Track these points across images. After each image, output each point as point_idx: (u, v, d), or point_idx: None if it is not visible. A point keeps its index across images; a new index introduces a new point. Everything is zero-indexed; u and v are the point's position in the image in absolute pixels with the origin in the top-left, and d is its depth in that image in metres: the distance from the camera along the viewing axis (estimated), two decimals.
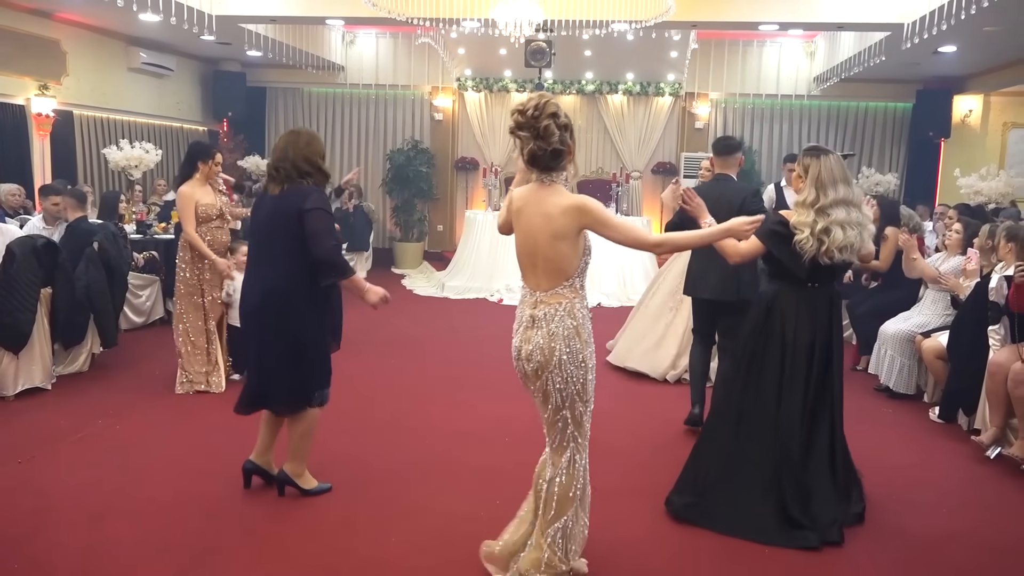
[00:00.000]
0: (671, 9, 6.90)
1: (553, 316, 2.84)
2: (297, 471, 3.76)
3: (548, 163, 2.84)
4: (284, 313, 3.52)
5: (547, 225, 2.82)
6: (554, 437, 2.95)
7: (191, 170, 5.43)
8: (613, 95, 12.22)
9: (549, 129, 2.78)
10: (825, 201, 3.44)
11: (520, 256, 2.93)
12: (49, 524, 3.47)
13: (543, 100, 2.82)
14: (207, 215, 5.42)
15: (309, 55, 10.70)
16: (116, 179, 9.81)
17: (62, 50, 9.01)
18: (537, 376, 2.88)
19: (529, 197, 2.89)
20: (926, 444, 4.86)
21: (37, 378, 5.25)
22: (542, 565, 2.91)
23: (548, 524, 2.92)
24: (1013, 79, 9.72)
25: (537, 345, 2.85)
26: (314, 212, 3.45)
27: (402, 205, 12.34)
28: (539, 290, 2.89)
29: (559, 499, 2.92)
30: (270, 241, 3.56)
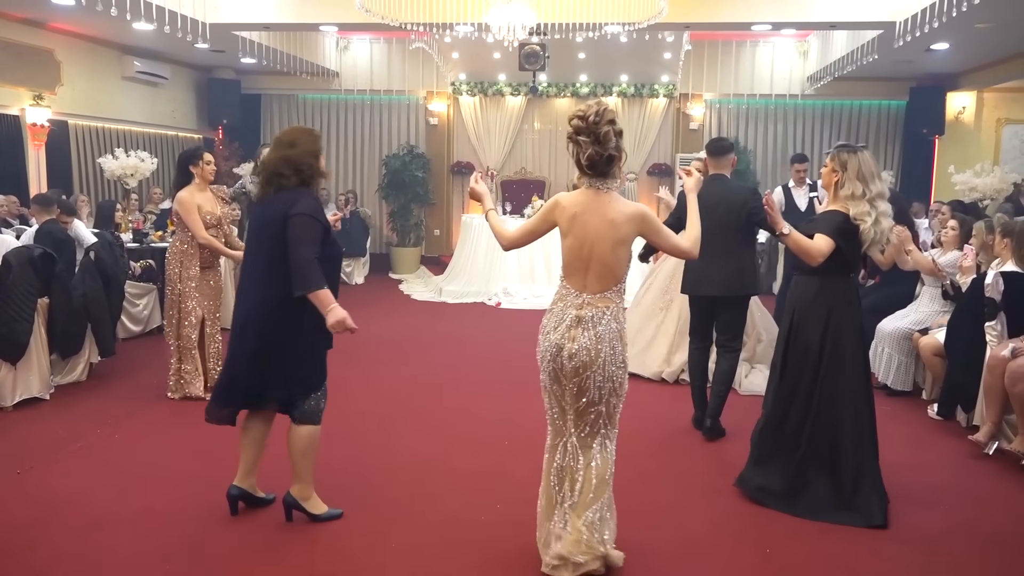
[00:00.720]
0: (664, 11, 6.91)
1: (600, 319, 2.98)
2: (305, 494, 3.58)
3: (604, 168, 2.97)
4: (273, 326, 3.38)
5: (611, 231, 2.95)
6: (583, 427, 3.06)
7: (186, 177, 5.37)
8: (608, 97, 12.22)
9: (608, 135, 2.91)
10: (871, 193, 3.62)
11: (570, 258, 3.03)
12: (48, 534, 3.46)
13: (602, 107, 2.95)
14: (205, 223, 5.34)
15: (303, 61, 10.71)
16: (112, 188, 9.81)
17: (56, 60, 9.01)
18: (576, 374, 2.99)
19: (586, 203, 2.99)
20: (925, 441, 4.86)
21: (35, 388, 5.24)
22: (582, 546, 2.97)
23: (586, 507, 3.00)
24: (1006, 75, 9.75)
25: (583, 346, 2.97)
26: (296, 218, 3.30)
27: (398, 210, 12.35)
28: (586, 292, 3.01)
29: (597, 482, 3.02)
30: (260, 250, 3.43)
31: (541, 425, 4.97)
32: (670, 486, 4.12)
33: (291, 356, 3.44)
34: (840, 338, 3.71)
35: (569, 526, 3.02)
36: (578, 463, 3.05)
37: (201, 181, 5.37)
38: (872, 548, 3.47)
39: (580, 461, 3.04)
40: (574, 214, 3.01)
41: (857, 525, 3.60)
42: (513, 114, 12.39)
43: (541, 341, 3.09)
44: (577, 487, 3.03)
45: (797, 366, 3.78)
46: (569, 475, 3.06)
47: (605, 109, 2.95)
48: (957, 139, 11.48)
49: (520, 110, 12.39)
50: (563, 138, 12.32)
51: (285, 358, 3.44)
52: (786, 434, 3.81)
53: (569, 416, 3.07)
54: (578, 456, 3.05)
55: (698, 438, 4.83)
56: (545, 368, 3.08)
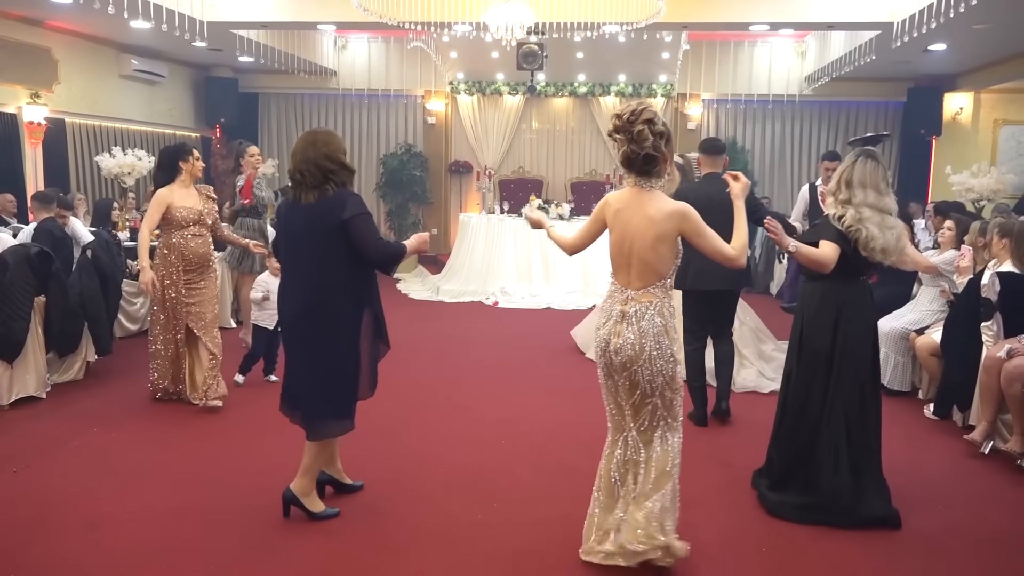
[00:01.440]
0: (662, 10, 6.91)
1: (644, 314, 3.04)
2: (305, 490, 3.61)
3: (641, 167, 3.03)
4: (320, 327, 3.43)
5: (650, 228, 3.01)
6: (642, 420, 3.11)
7: (172, 175, 5.13)
8: (605, 97, 12.24)
9: (643, 134, 2.97)
10: (849, 196, 3.59)
11: (614, 254, 3.12)
12: (45, 533, 3.45)
13: (640, 107, 3.01)
14: (183, 219, 5.07)
15: (301, 60, 10.70)
16: (109, 187, 9.79)
17: (53, 58, 8.99)
18: (624, 368, 3.06)
19: (628, 200, 3.08)
20: (921, 440, 4.87)
21: (31, 387, 5.23)
22: (639, 534, 3.02)
23: (645, 497, 3.05)
24: (1003, 76, 9.77)
25: (627, 340, 3.03)
26: (354, 220, 3.36)
27: (396, 209, 12.34)
28: (631, 288, 3.08)
29: (656, 474, 3.07)
30: (307, 252, 3.42)
31: (539, 424, 5.02)
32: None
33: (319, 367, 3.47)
34: (850, 341, 3.67)
35: (628, 516, 3.07)
36: (639, 456, 3.11)
37: (188, 178, 5.17)
38: (868, 547, 3.47)
39: (642, 454, 3.10)
40: (617, 210, 3.09)
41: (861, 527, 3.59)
42: (511, 113, 12.39)
43: (594, 337, 3.20)
44: (639, 477, 3.09)
45: (808, 373, 3.75)
46: (632, 468, 3.12)
47: (643, 109, 3.00)
48: (954, 140, 11.50)
49: (518, 109, 12.39)
50: (560, 138, 12.37)
51: (313, 367, 3.48)
52: (800, 441, 3.77)
53: (627, 411, 3.13)
54: (639, 449, 3.11)
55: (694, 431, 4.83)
56: (599, 364, 3.18)
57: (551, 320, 8.45)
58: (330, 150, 3.43)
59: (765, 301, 9.49)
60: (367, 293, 3.54)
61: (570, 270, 10.15)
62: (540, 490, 3.99)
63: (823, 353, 3.69)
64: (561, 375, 6.33)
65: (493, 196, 12.02)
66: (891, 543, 3.51)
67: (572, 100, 12.41)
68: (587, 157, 12.53)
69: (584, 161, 12.53)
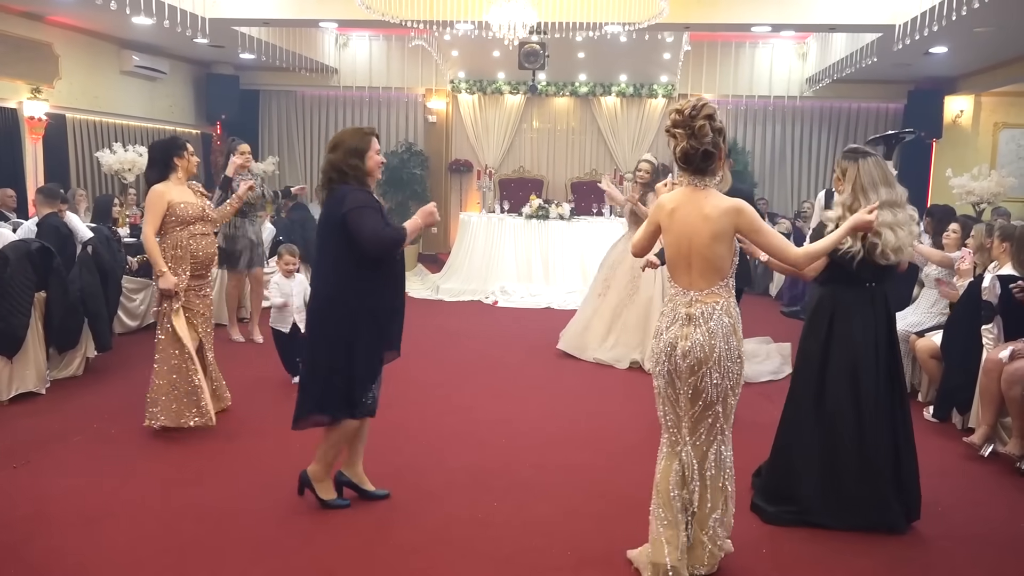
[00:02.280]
0: (664, 11, 6.91)
1: (711, 315, 2.97)
2: (319, 475, 3.70)
3: (699, 163, 2.96)
4: (328, 321, 3.52)
5: (706, 226, 2.94)
6: (699, 433, 3.04)
7: (167, 170, 4.77)
8: (606, 97, 12.24)
9: (703, 129, 2.91)
10: (865, 204, 3.39)
11: (672, 255, 3.05)
12: (45, 528, 3.46)
13: (700, 102, 2.97)
14: (186, 216, 4.71)
15: (302, 57, 10.70)
16: (109, 182, 9.78)
17: (54, 53, 8.98)
18: (692, 372, 2.97)
19: (683, 199, 3.02)
20: (921, 443, 4.77)
21: (31, 382, 5.22)
22: (704, 558, 3.08)
23: (707, 517, 3.06)
24: (1004, 79, 9.77)
25: (696, 342, 2.95)
26: (350, 214, 3.41)
27: (396, 207, 12.31)
28: (693, 289, 3.00)
29: (712, 492, 3.05)
30: (321, 249, 3.60)
31: (539, 425, 5.02)
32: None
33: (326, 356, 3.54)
34: (848, 345, 3.58)
35: (692, 537, 3.08)
36: (694, 473, 3.05)
37: (183, 174, 4.86)
38: (869, 550, 3.48)
39: (696, 473, 3.05)
40: (672, 210, 3.03)
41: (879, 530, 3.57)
42: (512, 113, 12.38)
43: (654, 344, 3.10)
44: (695, 497, 3.05)
45: (803, 376, 3.74)
46: (687, 485, 3.06)
47: (704, 104, 2.95)
48: (954, 143, 11.52)
49: (519, 109, 12.39)
50: (562, 138, 12.31)
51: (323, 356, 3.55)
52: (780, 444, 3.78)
53: (684, 424, 3.05)
54: (694, 467, 3.05)
55: None
56: (660, 371, 3.07)
57: (551, 320, 8.45)
58: (335, 156, 3.53)
59: (764, 303, 9.50)
60: (371, 294, 3.52)
61: (570, 270, 10.16)
62: (540, 489, 4.00)
63: (814, 358, 3.64)
64: (560, 375, 6.33)
65: (493, 195, 12.02)
66: (892, 546, 3.52)
67: (573, 100, 12.41)
68: (587, 157, 12.53)
69: (584, 161, 12.53)
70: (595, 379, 6.23)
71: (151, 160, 4.88)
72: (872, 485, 3.59)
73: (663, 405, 3.11)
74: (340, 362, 3.52)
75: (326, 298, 3.54)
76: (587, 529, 3.58)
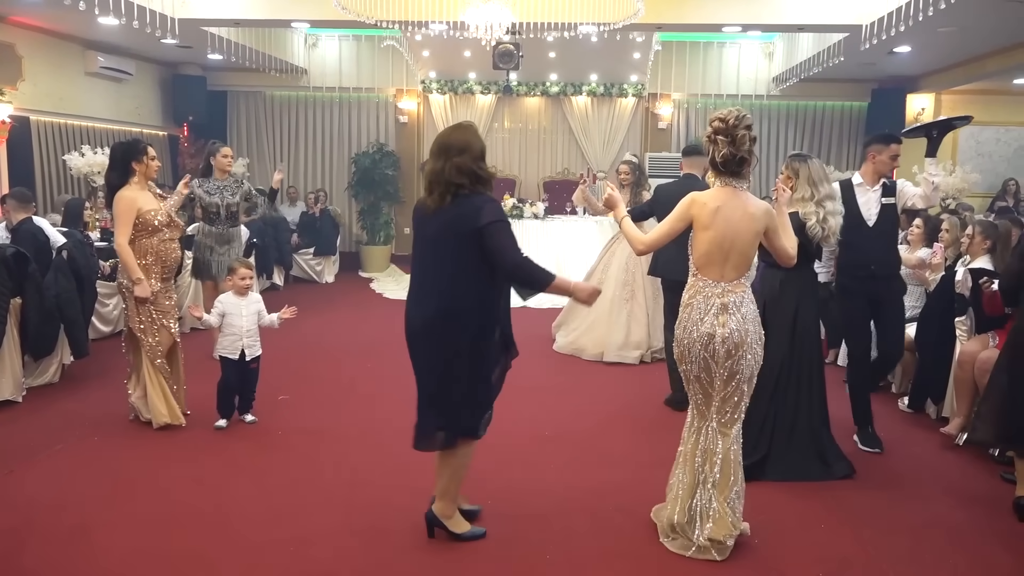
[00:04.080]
0: (640, 11, 6.98)
1: (742, 303, 3.31)
2: (447, 512, 3.45)
3: (735, 168, 3.30)
4: (451, 337, 3.22)
5: (751, 224, 3.30)
6: (726, 412, 3.36)
7: (125, 176, 4.68)
8: (577, 96, 12.31)
9: (743, 138, 3.26)
10: (819, 196, 4.20)
11: (712, 250, 3.30)
12: (33, 540, 3.40)
13: (741, 113, 3.30)
14: (155, 221, 4.65)
15: (271, 58, 10.58)
16: (75, 185, 9.58)
17: (17, 54, 8.76)
18: (729, 356, 3.28)
19: (726, 199, 3.31)
20: (897, 433, 5.00)
21: (7, 391, 5.12)
22: (729, 527, 3.30)
23: (728, 489, 3.32)
24: (963, 78, 10.02)
25: (733, 329, 3.27)
26: (492, 227, 3.14)
27: (368, 208, 12.27)
28: (724, 280, 3.31)
29: (735, 465, 3.34)
30: (438, 258, 3.25)
31: (524, 421, 5.04)
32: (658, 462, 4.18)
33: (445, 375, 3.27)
34: (806, 325, 4.19)
35: (715, 508, 3.31)
36: (717, 447, 3.33)
37: (142, 179, 4.74)
38: (855, 538, 3.57)
39: (719, 445, 3.33)
40: (716, 208, 3.29)
41: (826, 479, 4.12)
42: (483, 113, 12.39)
43: (685, 336, 3.34)
44: (716, 469, 3.32)
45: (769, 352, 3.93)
46: (709, 457, 3.34)
47: (744, 115, 3.30)
48: (916, 140, 11.72)
49: (490, 109, 12.40)
50: (533, 137, 12.25)
51: (440, 376, 3.28)
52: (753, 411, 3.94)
53: (714, 403, 3.34)
54: (717, 440, 3.34)
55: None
56: (695, 359, 3.32)
57: (528, 319, 8.47)
58: (463, 160, 3.20)
59: None
60: (498, 308, 3.32)
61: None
62: (538, 489, 4.03)
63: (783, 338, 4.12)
64: (543, 372, 6.36)
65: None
66: (877, 533, 3.62)
67: (544, 100, 12.46)
68: (559, 156, 12.58)
69: (556, 160, 12.58)
70: (590, 377, 6.28)
71: (112, 161, 4.80)
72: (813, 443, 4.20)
73: (694, 385, 3.38)
74: (467, 380, 3.26)
75: (448, 311, 3.21)
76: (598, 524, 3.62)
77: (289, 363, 6.30)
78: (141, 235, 4.67)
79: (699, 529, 3.31)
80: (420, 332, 3.30)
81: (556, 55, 11.21)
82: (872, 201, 4.63)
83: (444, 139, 3.29)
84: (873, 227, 4.58)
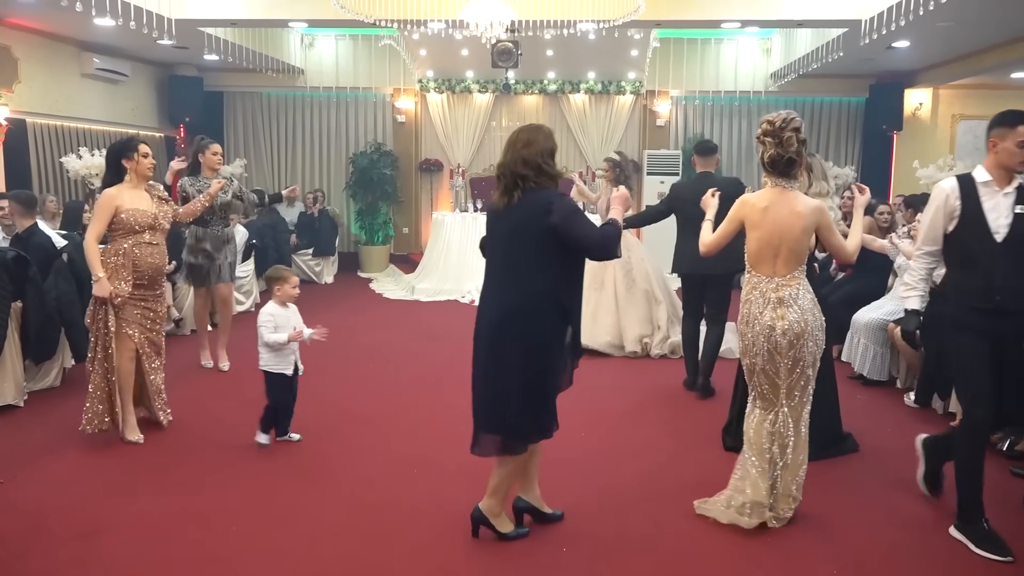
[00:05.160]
0: (640, 7, 6.96)
1: (797, 295, 3.47)
2: (495, 510, 3.39)
3: (784, 169, 3.47)
4: (523, 336, 3.15)
5: (798, 221, 3.45)
6: (794, 396, 3.54)
7: (119, 175, 4.54)
8: (575, 94, 12.28)
9: (790, 140, 3.42)
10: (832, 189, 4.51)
11: (762, 247, 3.50)
12: (41, 543, 3.37)
13: (790, 116, 3.45)
14: (135, 223, 4.46)
15: (268, 58, 10.54)
16: (72, 188, 9.53)
17: (13, 56, 8.72)
18: (791, 346, 3.46)
19: (774, 198, 3.49)
20: (905, 428, 4.98)
21: (9, 395, 5.08)
22: (791, 501, 3.57)
23: (799, 467, 3.56)
24: (961, 72, 10.02)
25: (793, 320, 3.44)
26: (566, 223, 3.10)
27: (366, 208, 12.23)
28: (777, 276, 3.49)
29: (804, 446, 3.56)
30: (510, 257, 3.20)
31: None
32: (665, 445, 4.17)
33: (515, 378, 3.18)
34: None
35: (781, 486, 3.54)
36: (789, 430, 3.53)
37: (136, 178, 4.56)
38: (872, 535, 3.56)
39: (791, 429, 3.53)
40: (765, 208, 3.48)
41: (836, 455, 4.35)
42: (481, 111, 12.36)
43: (748, 331, 3.52)
44: (788, 451, 3.53)
45: None
46: (779, 440, 3.54)
47: (792, 118, 3.44)
48: (914, 135, 11.78)
49: (488, 107, 12.36)
50: None
51: (510, 377, 3.18)
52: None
53: (782, 390, 3.52)
54: (789, 424, 3.53)
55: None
56: (758, 351, 3.50)
57: None
58: (528, 153, 3.20)
59: None
60: (572, 306, 3.28)
61: None
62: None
63: None
64: None
65: (465, 194, 11.99)
66: (894, 530, 3.61)
67: (542, 97, 12.43)
68: (558, 154, 12.47)
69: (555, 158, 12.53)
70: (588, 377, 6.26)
71: (106, 163, 4.66)
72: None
73: (758, 377, 3.55)
74: (537, 379, 3.20)
75: (523, 309, 3.15)
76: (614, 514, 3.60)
77: None
78: (116, 234, 4.49)
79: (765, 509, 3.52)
80: (495, 329, 3.22)
81: (554, 53, 11.18)
82: (1003, 207, 3.38)
83: (512, 135, 3.33)
84: (1003, 242, 3.36)
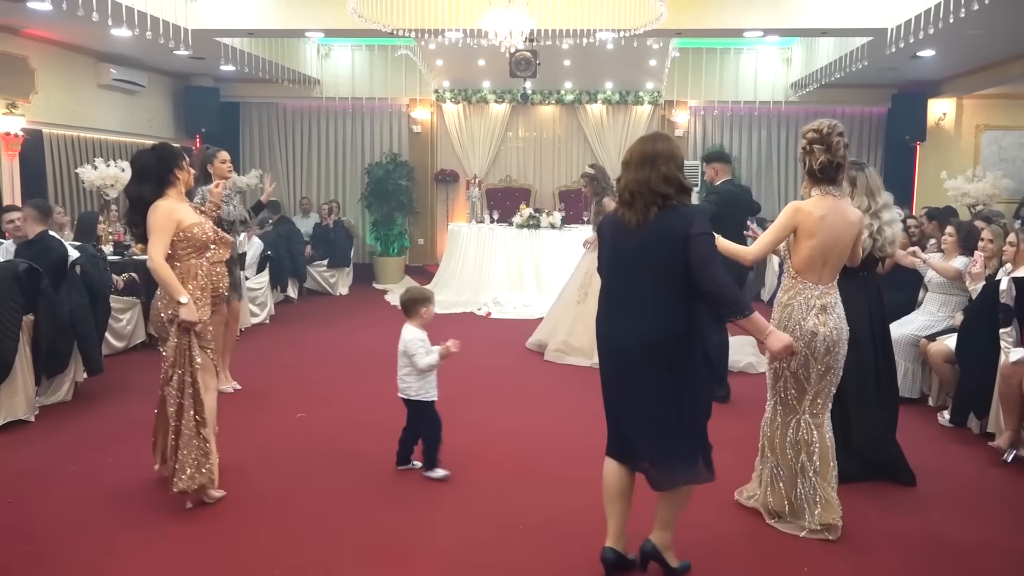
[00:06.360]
0: (663, 15, 6.83)
1: (836, 303, 3.56)
2: (667, 543, 3.17)
3: (832, 174, 3.50)
4: (665, 358, 2.98)
5: (849, 230, 3.54)
6: (818, 403, 3.59)
7: (162, 186, 3.90)
8: (592, 104, 12.17)
9: (838, 145, 3.48)
10: (876, 207, 4.17)
11: (815, 255, 3.49)
12: (52, 566, 3.26)
13: (832, 122, 3.51)
14: (202, 238, 3.91)
15: (284, 68, 10.49)
16: (88, 199, 9.51)
17: (30, 67, 8.71)
18: (828, 352, 3.51)
19: (829, 207, 3.49)
20: (939, 448, 4.82)
21: (20, 410, 4.99)
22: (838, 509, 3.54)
23: (829, 472, 3.56)
24: (987, 82, 9.84)
25: (832, 327, 3.51)
26: (700, 238, 2.93)
27: (382, 219, 12.15)
28: (822, 283, 3.53)
29: (831, 451, 3.59)
30: (643, 275, 3.01)
31: (552, 438, 4.87)
32: None
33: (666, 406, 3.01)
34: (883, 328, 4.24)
35: (821, 495, 3.53)
36: (812, 437, 3.56)
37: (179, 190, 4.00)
38: (907, 556, 3.39)
39: (815, 435, 3.56)
40: (822, 216, 3.47)
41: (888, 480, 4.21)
42: (497, 122, 12.27)
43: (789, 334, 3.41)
44: (815, 458, 3.55)
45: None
46: (804, 447, 3.56)
47: (836, 123, 3.50)
48: (937, 145, 11.59)
49: (504, 118, 12.27)
50: (548, 146, 12.22)
51: (660, 406, 3.01)
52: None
53: (808, 396, 3.56)
54: (811, 431, 3.56)
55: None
56: (796, 358, 3.49)
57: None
58: (669, 170, 2.99)
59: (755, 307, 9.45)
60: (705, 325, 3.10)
61: (562, 280, 9.94)
62: (559, 506, 3.86)
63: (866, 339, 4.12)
64: (562, 386, 6.20)
65: (481, 205, 11.90)
66: (929, 553, 3.46)
67: (559, 108, 12.32)
68: (575, 165, 12.41)
69: (572, 169, 12.40)
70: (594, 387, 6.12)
71: (142, 175, 3.94)
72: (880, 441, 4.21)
73: (789, 381, 3.57)
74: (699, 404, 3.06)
75: (668, 329, 2.97)
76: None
77: (308, 377, 6.20)
78: (188, 255, 3.88)
79: (809, 515, 3.54)
80: (638, 353, 3.01)
81: (571, 63, 11.08)
82: None
83: (648, 148, 3.05)
84: None
